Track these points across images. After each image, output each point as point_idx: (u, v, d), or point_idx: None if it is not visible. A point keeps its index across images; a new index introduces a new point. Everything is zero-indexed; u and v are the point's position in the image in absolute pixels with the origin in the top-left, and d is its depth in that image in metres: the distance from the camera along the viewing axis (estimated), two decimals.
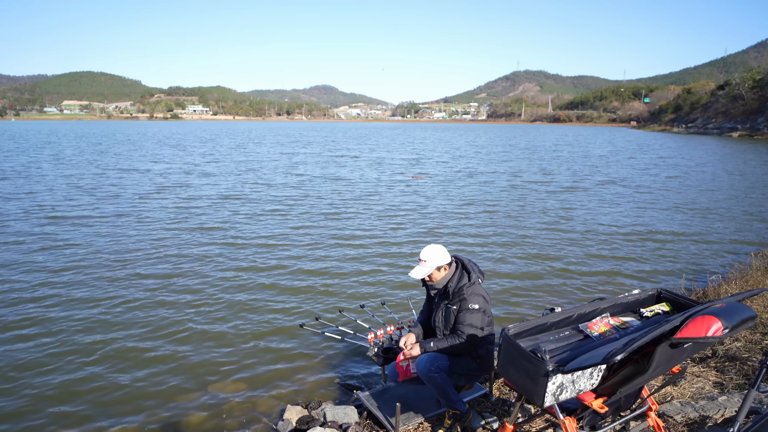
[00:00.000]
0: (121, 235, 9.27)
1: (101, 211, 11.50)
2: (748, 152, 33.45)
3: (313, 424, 3.39)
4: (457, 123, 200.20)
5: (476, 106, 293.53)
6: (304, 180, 17.80)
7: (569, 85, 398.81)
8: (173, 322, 5.54)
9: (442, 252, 3.13)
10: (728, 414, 2.95)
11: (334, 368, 4.67)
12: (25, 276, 6.89)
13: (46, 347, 4.93)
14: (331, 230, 9.94)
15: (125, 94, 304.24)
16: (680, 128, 74.72)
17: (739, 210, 12.41)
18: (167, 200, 13.11)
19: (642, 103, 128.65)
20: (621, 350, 1.86)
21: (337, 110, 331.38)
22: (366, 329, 3.95)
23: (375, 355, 3.52)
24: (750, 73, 68.13)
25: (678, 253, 8.47)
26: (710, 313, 1.93)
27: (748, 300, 4.13)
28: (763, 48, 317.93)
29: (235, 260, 7.82)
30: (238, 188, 15.58)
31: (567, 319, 2.51)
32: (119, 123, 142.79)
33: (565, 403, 2.37)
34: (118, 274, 7.03)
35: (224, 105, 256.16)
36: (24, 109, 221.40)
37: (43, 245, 8.43)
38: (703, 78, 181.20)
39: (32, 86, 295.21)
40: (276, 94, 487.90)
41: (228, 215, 11.26)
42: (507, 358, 2.21)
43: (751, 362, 3.63)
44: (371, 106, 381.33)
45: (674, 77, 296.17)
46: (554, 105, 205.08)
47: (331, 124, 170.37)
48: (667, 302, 2.68)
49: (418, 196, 14.27)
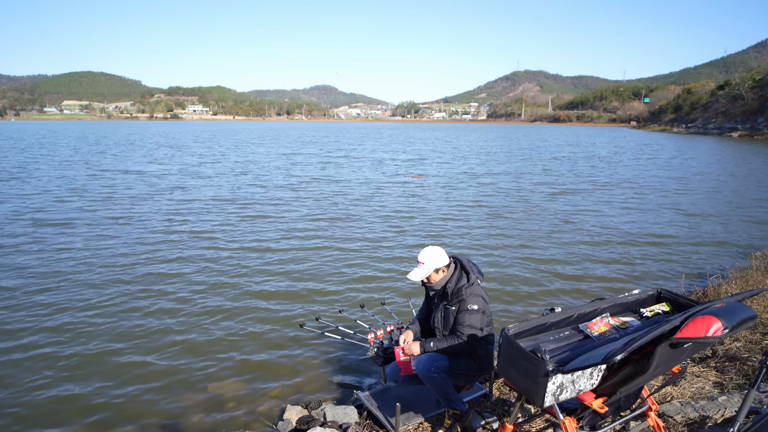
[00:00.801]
0: (121, 234, 9.28)
1: (101, 213, 11.50)
2: (748, 152, 33.45)
3: (313, 424, 3.39)
4: (457, 123, 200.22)
5: (476, 106, 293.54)
6: (304, 180, 17.80)
7: (569, 85, 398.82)
8: (173, 323, 5.54)
9: (439, 254, 3.12)
10: (728, 414, 2.95)
11: (334, 368, 4.67)
12: (12, 281, 6.89)
13: (46, 346, 4.93)
14: (331, 230, 9.94)
15: (125, 94, 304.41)
16: (680, 128, 74.72)
17: (739, 210, 12.41)
18: (167, 200, 13.11)
19: (642, 103, 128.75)
20: (621, 350, 1.86)
21: (337, 110, 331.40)
22: (366, 329, 3.94)
23: (375, 355, 3.52)
24: (750, 73, 68.13)
25: (678, 253, 8.47)
26: (710, 313, 1.93)
27: (748, 300, 4.13)
28: (763, 48, 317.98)
29: (234, 260, 7.82)
30: (237, 189, 15.59)
31: (567, 319, 2.51)
32: (119, 123, 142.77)
33: (565, 403, 2.37)
34: (118, 274, 7.03)
35: (224, 105, 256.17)
36: (24, 109, 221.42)
37: (41, 247, 8.44)
38: (703, 78, 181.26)
39: (32, 86, 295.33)
40: (276, 94, 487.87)
41: (227, 216, 11.26)
42: (507, 358, 2.20)
43: (751, 362, 3.62)
44: (371, 106, 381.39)
45: (674, 77, 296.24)
46: (554, 105, 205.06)
47: (331, 124, 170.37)
48: (667, 302, 2.68)
49: (418, 197, 14.27)
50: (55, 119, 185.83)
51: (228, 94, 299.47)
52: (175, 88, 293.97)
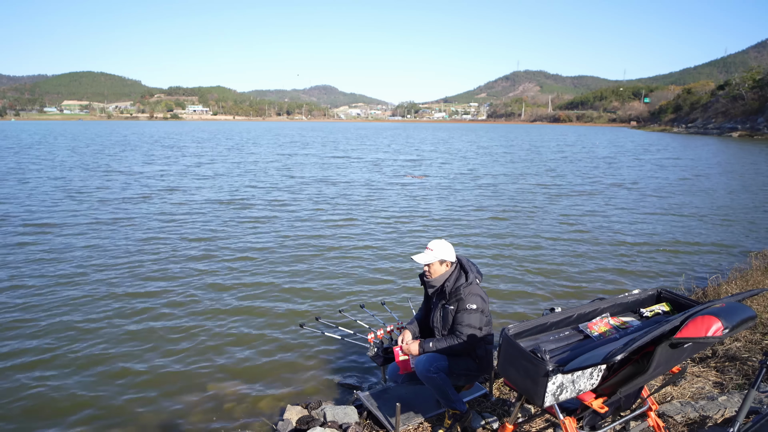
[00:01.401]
0: (121, 234, 9.28)
1: (99, 215, 11.50)
2: (748, 152, 33.45)
3: (313, 424, 3.39)
4: (457, 123, 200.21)
5: (476, 106, 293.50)
6: (304, 180, 17.80)
7: (569, 85, 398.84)
8: (173, 323, 5.54)
9: (448, 248, 3.18)
10: (728, 414, 2.95)
11: (334, 368, 4.67)
12: (11, 281, 6.89)
13: (45, 346, 4.93)
14: (331, 230, 9.94)
15: (125, 94, 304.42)
16: (680, 128, 74.71)
17: (739, 211, 12.41)
18: (165, 201, 13.11)
19: (642, 103, 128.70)
20: (621, 350, 1.86)
21: (337, 110, 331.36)
22: (366, 329, 3.94)
23: (375, 355, 3.51)
24: (750, 73, 68.12)
25: (678, 253, 8.47)
26: (710, 313, 1.93)
27: (748, 300, 4.13)
28: (763, 48, 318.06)
29: (234, 261, 7.82)
30: (236, 190, 15.59)
31: (567, 319, 2.51)
32: (119, 123, 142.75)
33: (565, 403, 2.37)
34: (117, 274, 7.03)
35: (224, 105, 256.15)
36: (24, 109, 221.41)
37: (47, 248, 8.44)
38: (703, 78, 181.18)
39: (32, 86, 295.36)
40: (276, 94, 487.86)
41: (227, 216, 11.26)
42: (507, 358, 2.20)
43: (751, 362, 3.62)
44: (371, 106, 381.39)
45: (674, 77, 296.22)
46: (554, 105, 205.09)
47: (331, 124, 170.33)
48: (667, 302, 2.68)
49: (418, 197, 14.27)
50: (55, 119, 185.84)
51: (228, 94, 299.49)
52: (175, 88, 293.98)
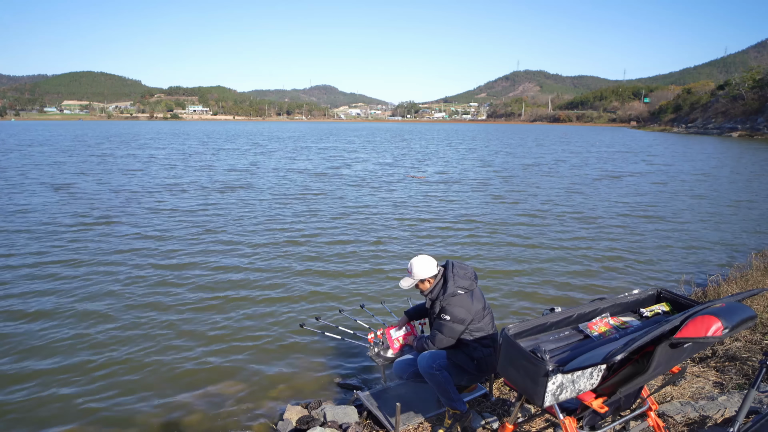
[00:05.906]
0: (121, 234, 9.28)
1: (98, 213, 11.49)
2: (748, 152, 33.44)
3: (313, 424, 3.39)
4: (457, 123, 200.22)
5: (476, 106, 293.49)
6: (304, 181, 17.79)
7: (569, 85, 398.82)
8: (172, 323, 5.54)
9: (426, 265, 3.16)
10: (728, 414, 2.95)
11: (334, 368, 4.67)
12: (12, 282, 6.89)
13: (44, 346, 4.93)
14: (331, 230, 9.93)
15: (125, 94, 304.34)
16: (680, 128, 74.72)
17: (739, 210, 12.41)
18: (165, 202, 13.11)
19: (642, 103, 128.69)
20: (621, 350, 1.86)
21: (337, 110, 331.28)
22: (366, 329, 3.94)
23: (375, 355, 3.52)
24: (750, 73, 68.12)
25: (678, 253, 8.47)
26: (710, 313, 1.93)
27: (748, 300, 4.13)
28: (763, 48, 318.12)
29: (234, 261, 7.82)
30: (234, 192, 15.58)
31: (567, 319, 2.51)
32: (119, 123, 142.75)
33: (565, 403, 2.38)
34: (116, 273, 7.03)
35: (224, 105, 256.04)
36: (24, 109, 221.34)
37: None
38: (703, 78, 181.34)
39: (32, 86, 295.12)
40: (276, 94, 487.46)
41: (226, 215, 11.26)
42: (507, 358, 2.20)
43: (751, 362, 3.62)
44: (371, 106, 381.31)
45: (674, 77, 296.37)
46: (554, 105, 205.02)
47: (331, 124, 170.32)
48: (667, 302, 2.68)
49: (418, 197, 14.27)
50: (56, 119, 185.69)
51: (228, 94, 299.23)
52: (175, 88, 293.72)
